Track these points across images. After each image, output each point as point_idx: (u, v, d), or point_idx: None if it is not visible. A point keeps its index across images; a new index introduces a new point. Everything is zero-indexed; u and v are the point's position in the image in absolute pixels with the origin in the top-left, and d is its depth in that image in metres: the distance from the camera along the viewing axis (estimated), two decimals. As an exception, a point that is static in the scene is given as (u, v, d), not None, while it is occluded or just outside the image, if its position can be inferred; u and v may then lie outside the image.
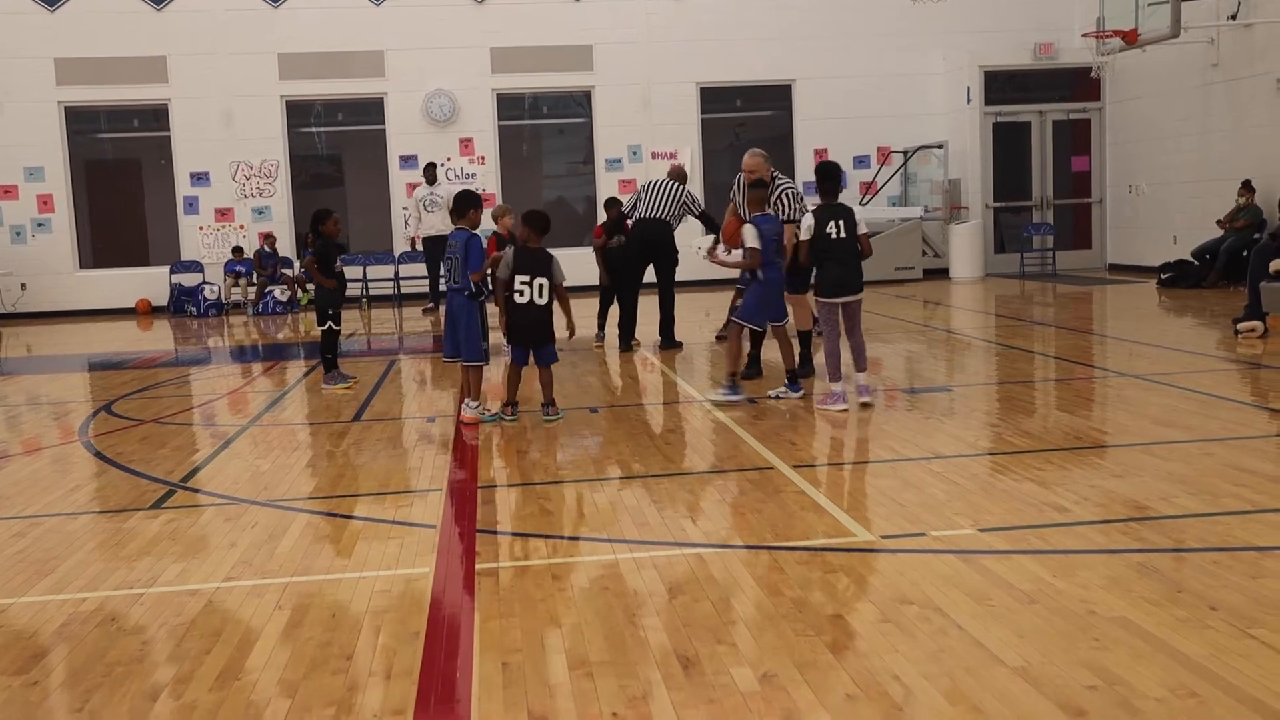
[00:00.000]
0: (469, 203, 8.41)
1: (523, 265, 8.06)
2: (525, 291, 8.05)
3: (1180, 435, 6.96)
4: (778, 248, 8.66)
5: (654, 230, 11.89)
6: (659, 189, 11.98)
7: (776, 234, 8.64)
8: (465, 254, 8.18)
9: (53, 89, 19.56)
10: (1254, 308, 11.12)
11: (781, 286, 8.77)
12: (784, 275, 8.79)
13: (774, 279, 8.67)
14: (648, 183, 12.28)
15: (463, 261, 8.18)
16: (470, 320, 8.29)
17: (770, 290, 8.68)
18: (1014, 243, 20.91)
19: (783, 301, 8.78)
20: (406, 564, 5.03)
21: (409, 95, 20.20)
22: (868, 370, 8.52)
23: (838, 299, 8.32)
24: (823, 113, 20.70)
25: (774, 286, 8.69)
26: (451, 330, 8.37)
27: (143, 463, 7.43)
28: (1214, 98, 17.38)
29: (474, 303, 8.29)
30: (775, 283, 8.70)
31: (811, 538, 5.18)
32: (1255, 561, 4.57)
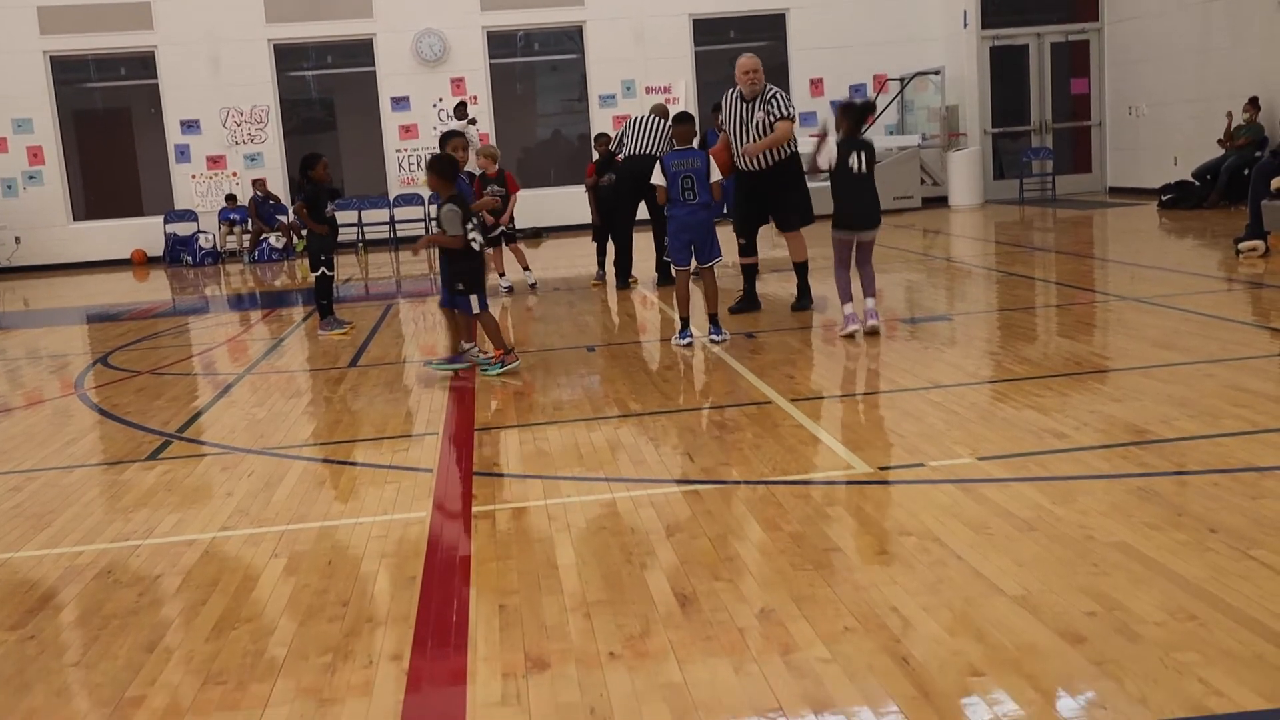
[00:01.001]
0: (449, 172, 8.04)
1: (468, 214, 7.86)
2: (478, 237, 7.89)
3: (1180, 357, 6.91)
4: (698, 184, 8.21)
5: (643, 165, 11.72)
6: (644, 125, 11.82)
7: (694, 170, 8.21)
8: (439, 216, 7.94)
9: (37, 38, 19.34)
10: (1255, 227, 11.03)
11: (691, 225, 8.28)
12: (703, 214, 8.29)
13: (677, 216, 8.31)
14: (632, 119, 12.10)
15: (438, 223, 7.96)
16: (446, 265, 8.07)
17: (673, 228, 8.38)
18: (1013, 168, 20.74)
19: (706, 239, 8.32)
20: (403, 509, 5.01)
21: (398, 35, 19.96)
22: (876, 296, 8.42)
23: (854, 233, 8.22)
24: (817, 42, 20.44)
25: (678, 224, 8.33)
26: None
27: (139, 414, 7.40)
28: (1214, 16, 17.13)
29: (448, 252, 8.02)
30: (678, 220, 8.32)
31: (809, 471, 5.15)
32: (1255, 482, 4.54)
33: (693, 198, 8.23)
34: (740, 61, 9.27)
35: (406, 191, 20.24)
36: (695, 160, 8.26)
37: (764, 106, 9.16)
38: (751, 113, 9.16)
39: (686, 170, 8.22)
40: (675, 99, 20.25)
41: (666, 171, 8.28)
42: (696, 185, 8.21)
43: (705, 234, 8.32)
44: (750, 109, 9.15)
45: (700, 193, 8.22)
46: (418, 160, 20.20)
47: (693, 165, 8.23)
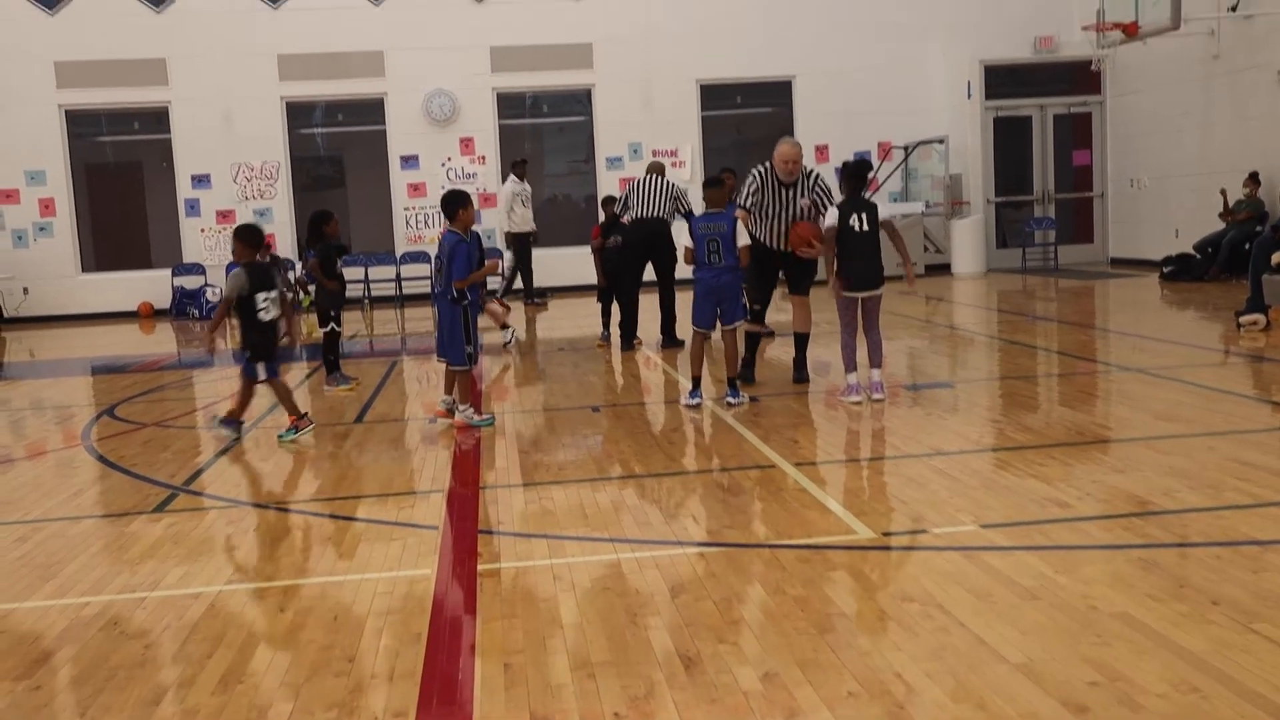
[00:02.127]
0: (458, 202, 8.18)
1: (260, 281, 8.02)
2: (270, 308, 8.04)
3: (1183, 429, 6.95)
4: (722, 247, 8.30)
5: (651, 228, 11.87)
6: (649, 186, 11.93)
7: (720, 233, 8.33)
8: (450, 259, 8.04)
9: (53, 92, 19.57)
10: (1256, 300, 11.10)
11: (716, 288, 8.38)
12: (729, 276, 8.39)
13: (703, 279, 8.42)
14: (635, 182, 12.16)
15: (448, 265, 8.05)
16: (454, 324, 8.17)
17: (700, 290, 8.48)
18: (1016, 237, 20.89)
19: (731, 302, 8.42)
20: (409, 565, 5.03)
21: (409, 95, 20.20)
22: (882, 367, 8.48)
23: (858, 293, 8.31)
24: (823, 108, 20.68)
25: (704, 287, 8.44)
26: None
27: (145, 466, 7.44)
28: (1215, 90, 17.35)
29: (457, 307, 8.14)
30: (704, 283, 8.43)
31: (813, 535, 5.18)
32: (1258, 556, 4.56)
33: (718, 260, 8.35)
34: (783, 150, 8.98)
35: (414, 249, 20.38)
36: (722, 224, 8.38)
37: (811, 195, 9.01)
38: (793, 197, 8.99)
39: (713, 233, 8.35)
40: (681, 162, 20.48)
41: (694, 234, 8.43)
42: (722, 248, 8.33)
43: (730, 297, 8.43)
44: (790, 193, 8.99)
45: (726, 256, 8.34)
46: (426, 218, 20.37)
47: (719, 229, 8.35)
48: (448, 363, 8.27)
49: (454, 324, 8.17)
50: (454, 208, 8.16)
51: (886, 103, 20.63)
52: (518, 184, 17.69)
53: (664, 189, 11.86)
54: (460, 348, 8.17)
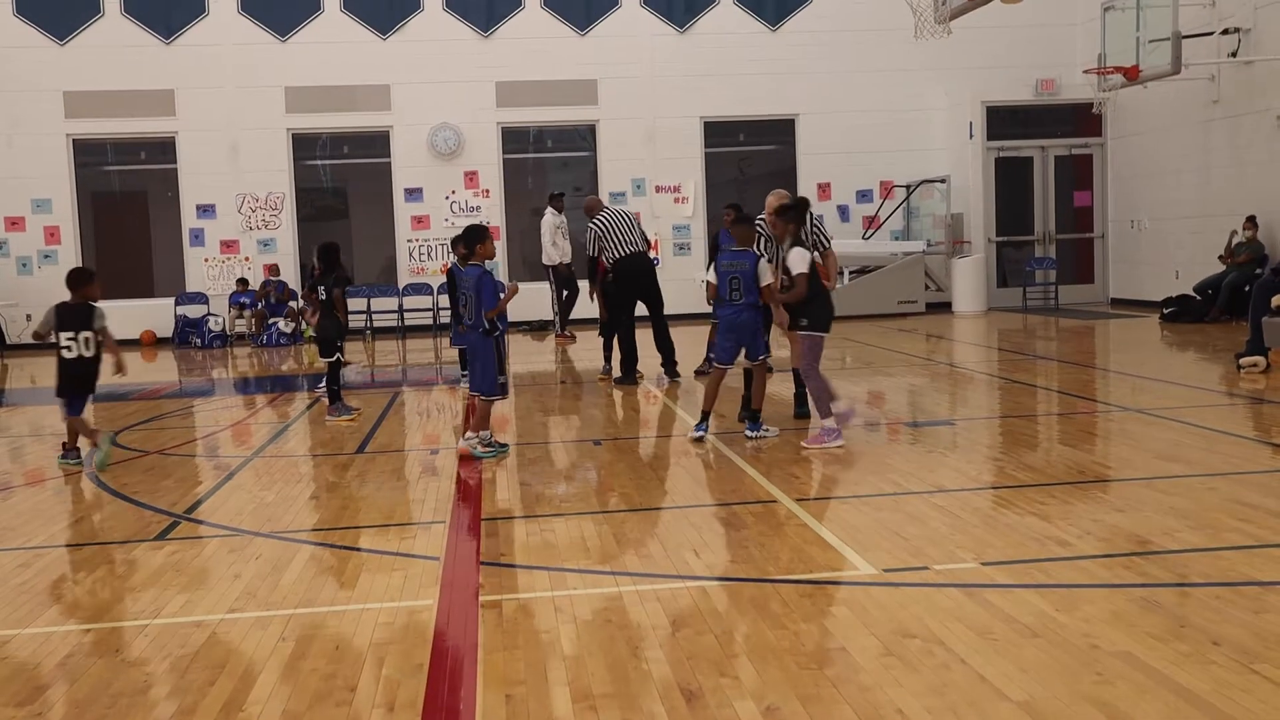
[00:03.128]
0: (479, 237, 8.42)
1: (65, 321, 8.29)
2: (73, 347, 8.24)
3: (1183, 470, 6.96)
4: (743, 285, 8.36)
5: (638, 264, 11.94)
6: (620, 222, 11.96)
7: (742, 271, 8.38)
8: (479, 291, 8.21)
9: (61, 121, 19.73)
10: (1256, 343, 11.14)
11: (737, 325, 8.43)
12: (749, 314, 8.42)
13: (724, 316, 8.50)
14: (606, 223, 12.00)
15: (477, 298, 8.21)
16: (487, 355, 8.33)
17: (721, 327, 8.60)
18: (1016, 277, 20.98)
19: (754, 339, 8.49)
20: (410, 596, 5.04)
21: (414, 128, 20.34)
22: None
23: (828, 333, 8.36)
24: (826, 147, 20.82)
25: (725, 324, 8.52)
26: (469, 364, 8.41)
27: (147, 494, 7.44)
28: (1215, 134, 17.48)
29: (489, 339, 8.31)
30: (725, 320, 8.51)
31: (814, 571, 5.19)
32: (1258, 596, 4.57)
33: (738, 298, 8.39)
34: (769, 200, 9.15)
35: (416, 281, 20.46)
36: (744, 262, 8.42)
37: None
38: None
39: (735, 271, 8.41)
40: (684, 198, 20.60)
41: (717, 271, 8.50)
42: (743, 286, 8.37)
43: (750, 334, 8.48)
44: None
45: (746, 293, 8.38)
46: (429, 250, 20.47)
47: (740, 266, 8.41)
48: (480, 395, 8.34)
49: (488, 356, 8.29)
50: (475, 241, 8.38)
51: (889, 142, 20.78)
52: (556, 216, 17.73)
53: (632, 221, 11.97)
54: (493, 379, 8.30)
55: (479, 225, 8.73)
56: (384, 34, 20.30)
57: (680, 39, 20.75)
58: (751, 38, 20.80)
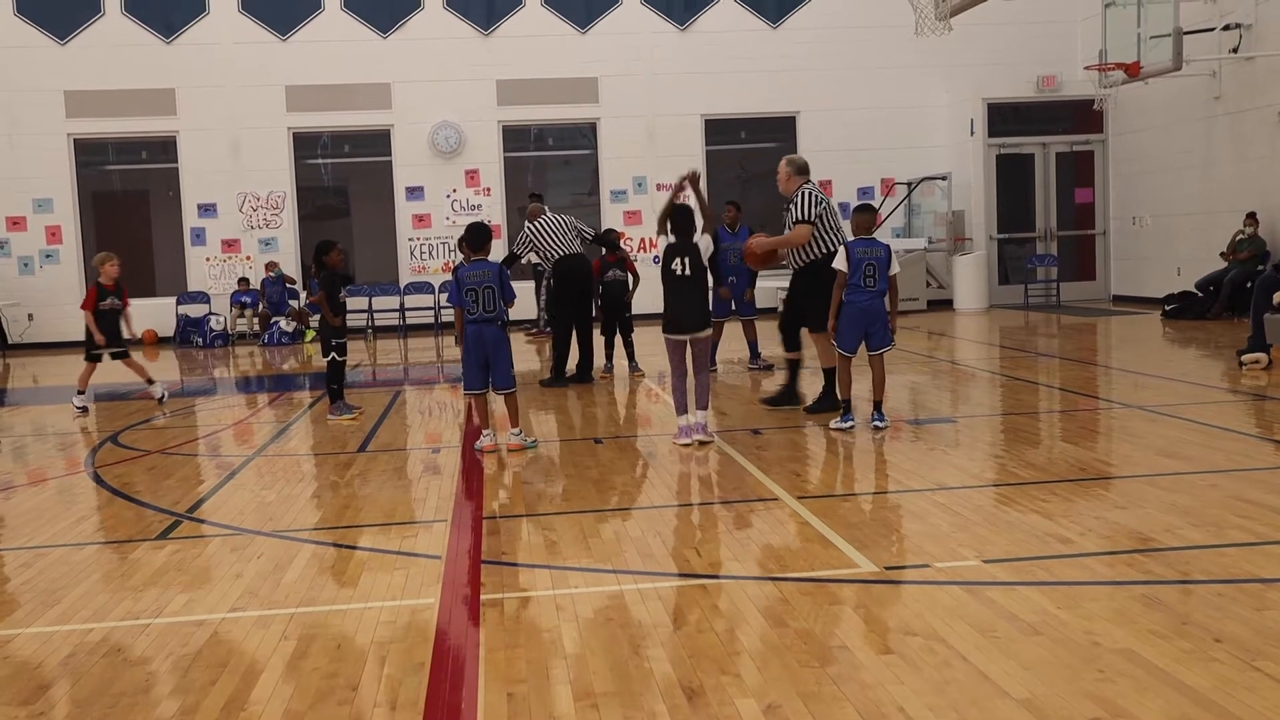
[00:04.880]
0: (488, 235, 8.72)
1: None
2: None
3: (1184, 467, 6.96)
4: (878, 272, 8.42)
5: (576, 264, 12.04)
6: (556, 226, 12.03)
7: (877, 258, 8.42)
8: (502, 284, 8.34)
9: (62, 121, 19.74)
10: (1258, 339, 11.13)
11: (869, 312, 8.50)
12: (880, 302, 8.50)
13: (856, 302, 8.51)
14: (540, 227, 12.06)
15: (500, 291, 8.32)
16: (509, 349, 8.48)
17: (851, 313, 8.57)
18: (1018, 274, 20.96)
19: (880, 327, 8.55)
20: (412, 595, 5.04)
21: (415, 127, 20.34)
22: (707, 409, 8.50)
23: (681, 335, 8.34)
24: (826, 145, 20.78)
25: (856, 310, 8.53)
26: (479, 361, 8.40)
27: (149, 493, 7.45)
28: (1216, 130, 17.46)
29: (504, 331, 8.43)
30: (857, 305, 8.52)
31: (816, 569, 5.19)
32: (1260, 594, 4.57)
33: (873, 285, 8.45)
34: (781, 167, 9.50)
35: (417, 279, 20.47)
36: (880, 249, 8.49)
37: (788, 206, 9.24)
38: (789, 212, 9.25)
39: (870, 258, 8.45)
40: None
41: (850, 258, 8.47)
42: (878, 273, 8.44)
43: (880, 321, 8.53)
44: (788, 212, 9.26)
45: (880, 281, 8.44)
46: (430, 249, 20.47)
47: (876, 254, 8.46)
48: (503, 390, 8.46)
49: (509, 349, 8.49)
50: (486, 239, 8.64)
51: (890, 139, 20.77)
52: None
53: (565, 223, 12.07)
54: (510, 370, 8.47)
55: (484, 224, 8.87)
56: (384, 32, 20.29)
57: (681, 37, 20.74)
58: (752, 35, 20.78)
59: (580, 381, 12.03)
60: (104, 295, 11.57)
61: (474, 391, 8.53)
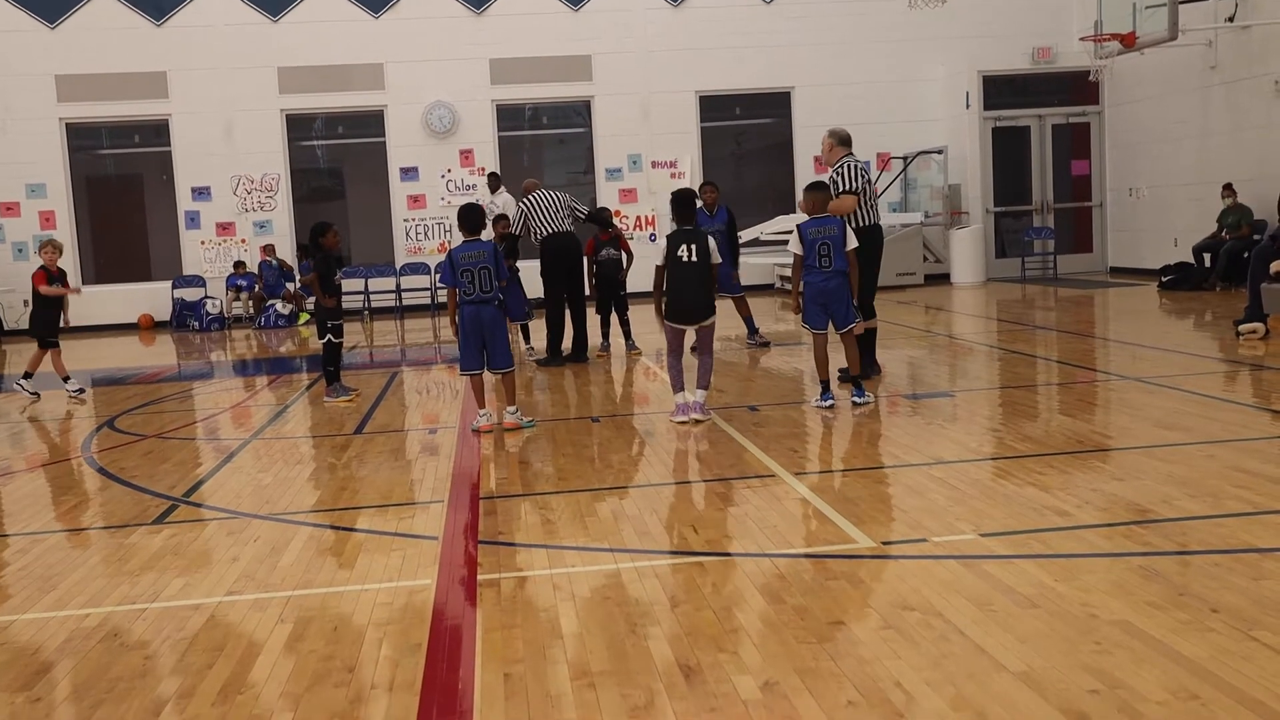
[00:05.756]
0: (481, 215, 8.70)
1: None
2: None
3: (1182, 438, 6.95)
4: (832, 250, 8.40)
5: (564, 242, 11.95)
6: (547, 201, 11.94)
7: (830, 236, 8.43)
8: (497, 263, 8.30)
9: (54, 105, 19.66)
10: (1255, 309, 11.12)
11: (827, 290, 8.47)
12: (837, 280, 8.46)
13: (813, 282, 8.52)
14: (533, 201, 11.98)
15: (495, 271, 8.27)
16: (505, 329, 8.48)
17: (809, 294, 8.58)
18: (1015, 247, 20.92)
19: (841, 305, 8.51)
20: (409, 576, 5.04)
21: (409, 107, 20.26)
22: (707, 389, 8.45)
23: (683, 325, 8.33)
24: (822, 119, 20.50)
25: (813, 290, 8.53)
26: (476, 341, 8.38)
27: (145, 478, 7.44)
28: (1213, 100, 17.39)
29: (501, 311, 8.44)
30: (814, 286, 8.53)
31: (813, 545, 5.19)
32: (1257, 563, 4.57)
33: (827, 265, 8.44)
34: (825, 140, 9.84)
35: (413, 260, 20.43)
36: (832, 227, 8.49)
37: (831, 178, 9.38)
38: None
39: (823, 237, 8.44)
40: (681, 174, 20.51)
41: (804, 239, 8.48)
42: (832, 252, 8.41)
43: (839, 300, 8.51)
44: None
45: (835, 259, 8.42)
46: (425, 230, 20.43)
47: (829, 232, 8.46)
48: (502, 369, 8.45)
49: (505, 329, 8.48)
50: (479, 220, 8.62)
51: (885, 113, 20.68)
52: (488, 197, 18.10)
53: (558, 200, 11.97)
54: (507, 350, 8.47)
55: (476, 204, 8.84)
56: (376, 12, 20.18)
57: (674, 13, 20.63)
58: (746, 10, 20.67)
59: (576, 360, 12.02)
60: (51, 281, 11.65)
61: (471, 372, 8.50)
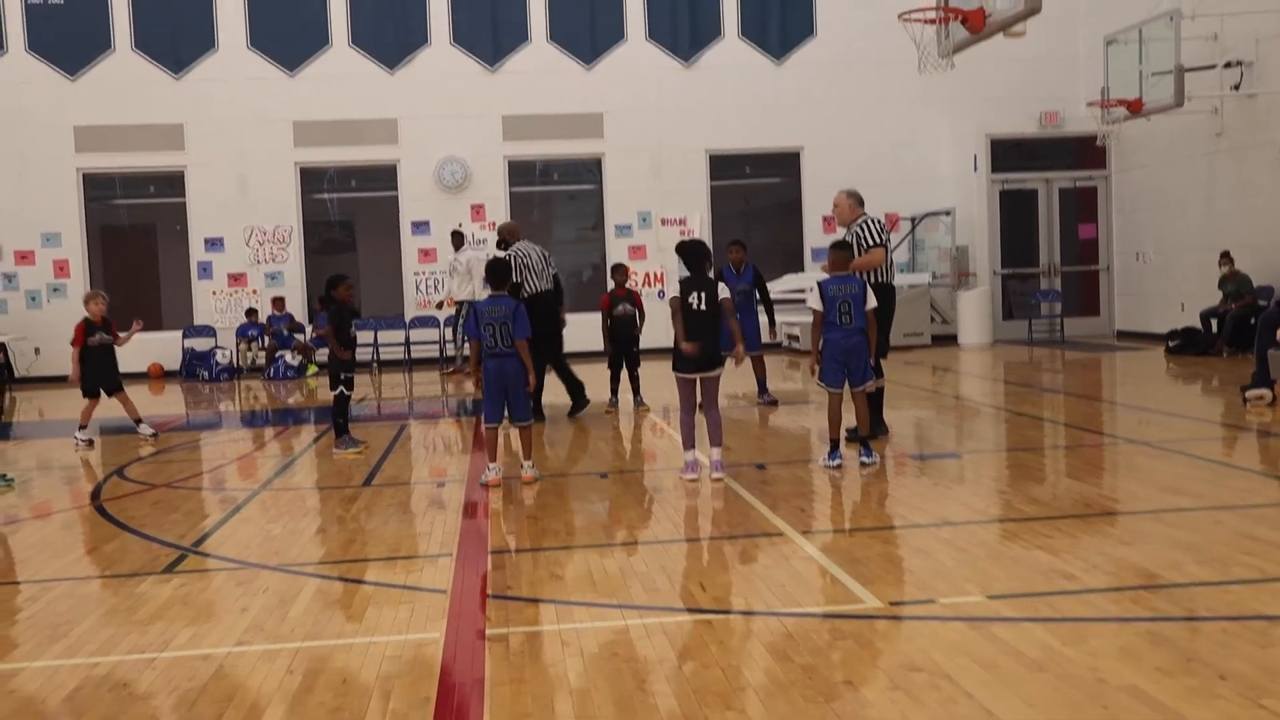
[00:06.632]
0: (508, 271, 8.83)
1: None
2: None
3: (1190, 503, 6.96)
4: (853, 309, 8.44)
5: (549, 299, 11.83)
6: (538, 258, 11.87)
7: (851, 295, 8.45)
8: (516, 320, 8.37)
9: (72, 156, 19.88)
10: (1262, 375, 11.14)
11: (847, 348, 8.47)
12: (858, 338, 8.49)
13: (833, 339, 8.52)
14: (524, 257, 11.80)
15: (514, 325, 8.34)
16: (527, 383, 8.48)
17: (829, 351, 8.58)
18: (1022, 309, 21.00)
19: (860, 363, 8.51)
20: (417, 629, 5.05)
21: (421, 162, 20.46)
22: (721, 445, 8.42)
23: (692, 374, 8.35)
24: (831, 180, 20.68)
25: (834, 347, 8.54)
26: (499, 394, 8.44)
27: (155, 527, 7.46)
28: (1219, 167, 17.53)
29: (523, 365, 8.45)
30: (834, 343, 8.53)
31: (821, 604, 5.19)
32: (1265, 631, 4.57)
33: (848, 322, 8.46)
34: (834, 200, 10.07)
35: (423, 314, 20.53)
36: (854, 286, 8.52)
37: (853, 234, 9.53)
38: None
39: (845, 295, 8.47)
40: (690, 231, 20.65)
41: (825, 296, 8.52)
42: (853, 310, 8.45)
43: (858, 358, 8.53)
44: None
45: (856, 318, 8.46)
46: (436, 283, 20.54)
47: (850, 290, 8.49)
48: (521, 423, 8.50)
49: (526, 382, 8.46)
50: (506, 275, 8.77)
51: (894, 174, 20.84)
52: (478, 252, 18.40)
53: (544, 258, 11.98)
54: (527, 404, 8.50)
55: (505, 260, 9.03)
56: (391, 68, 20.45)
57: (686, 72, 20.88)
58: (756, 71, 20.92)
59: (580, 410, 12.02)
60: (92, 331, 11.70)
61: (494, 424, 8.54)
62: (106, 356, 11.80)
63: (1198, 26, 16.40)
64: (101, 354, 11.75)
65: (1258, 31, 16.28)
